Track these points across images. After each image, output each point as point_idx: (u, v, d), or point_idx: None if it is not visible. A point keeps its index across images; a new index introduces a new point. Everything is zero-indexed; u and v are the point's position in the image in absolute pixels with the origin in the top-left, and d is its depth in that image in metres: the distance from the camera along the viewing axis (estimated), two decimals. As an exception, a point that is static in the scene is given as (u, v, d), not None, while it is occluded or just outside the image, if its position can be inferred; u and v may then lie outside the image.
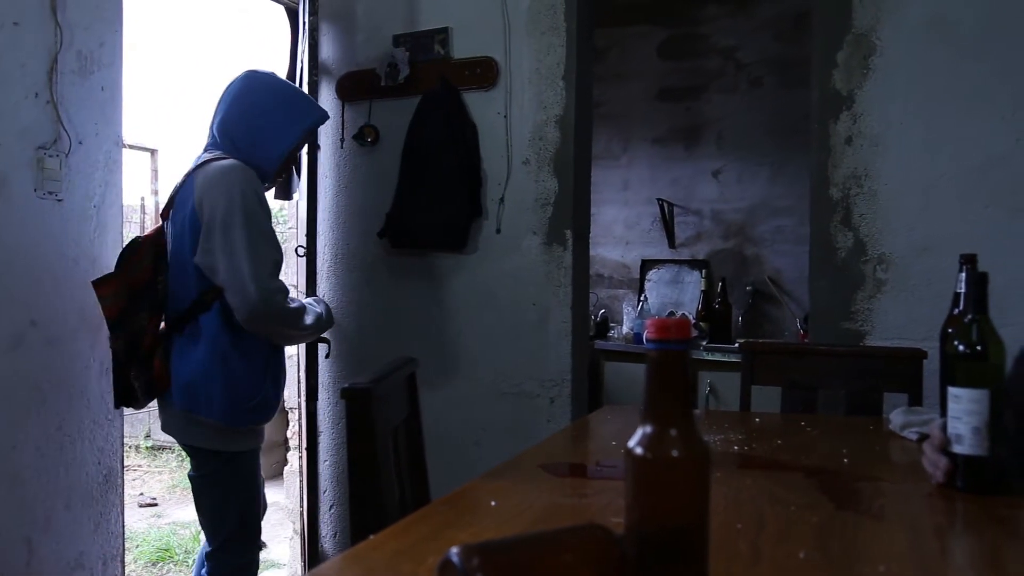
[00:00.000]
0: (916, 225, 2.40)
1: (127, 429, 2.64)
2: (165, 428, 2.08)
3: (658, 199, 4.47)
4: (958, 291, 1.28)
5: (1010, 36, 2.30)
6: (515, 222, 2.89)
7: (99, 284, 1.96)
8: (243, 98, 2.04)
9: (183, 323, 1.99)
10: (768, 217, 4.29)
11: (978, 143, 2.33)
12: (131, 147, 2.50)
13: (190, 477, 2.10)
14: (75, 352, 2.24)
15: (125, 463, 2.60)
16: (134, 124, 2.40)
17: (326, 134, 3.20)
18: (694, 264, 4.44)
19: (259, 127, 2.03)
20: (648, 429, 0.67)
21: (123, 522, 2.45)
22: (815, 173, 2.54)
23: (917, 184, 2.40)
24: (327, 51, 3.22)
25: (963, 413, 1.16)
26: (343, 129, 3.16)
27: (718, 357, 3.71)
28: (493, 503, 1.10)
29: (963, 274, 1.27)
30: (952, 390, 1.18)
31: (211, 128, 2.08)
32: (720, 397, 3.70)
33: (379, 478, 1.23)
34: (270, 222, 2.00)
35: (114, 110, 2.39)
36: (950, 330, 1.24)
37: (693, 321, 4.09)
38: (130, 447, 4.42)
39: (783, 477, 1.28)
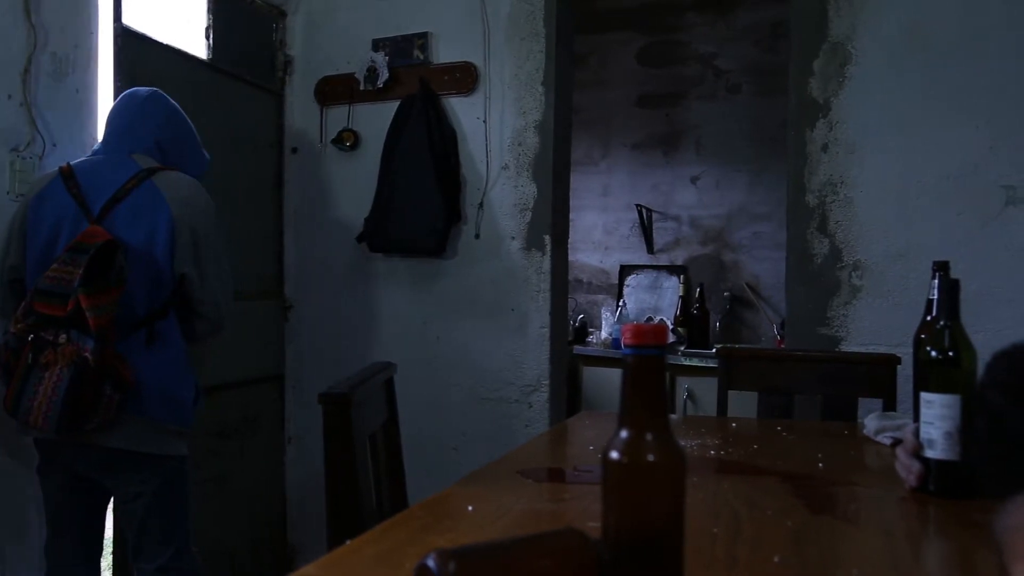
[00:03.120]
0: (891, 232, 2.42)
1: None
2: (120, 442, 1.86)
3: (637, 205, 4.49)
4: (931, 297, 1.30)
5: (983, 46, 2.34)
6: (494, 227, 2.89)
7: (95, 293, 1.75)
8: (177, 116, 2.09)
9: (138, 329, 1.88)
10: (746, 223, 4.32)
11: (952, 151, 2.37)
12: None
13: (133, 496, 1.93)
14: (48, 357, 2.21)
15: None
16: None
17: (305, 138, 3.19)
18: (672, 270, 4.47)
19: (190, 150, 2.11)
20: (624, 434, 0.67)
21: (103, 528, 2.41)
22: (792, 180, 2.57)
23: (892, 191, 2.43)
24: (306, 54, 3.21)
25: (935, 418, 1.17)
26: (322, 133, 3.15)
27: (696, 362, 3.73)
28: (470, 508, 1.09)
29: (936, 281, 1.29)
30: (925, 395, 1.19)
31: (132, 132, 1.98)
32: (698, 402, 3.72)
33: (357, 483, 1.22)
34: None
35: (89, 113, 2.36)
36: (923, 336, 1.26)
37: (671, 326, 4.10)
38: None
39: (759, 482, 1.29)
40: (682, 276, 4.38)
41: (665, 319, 4.23)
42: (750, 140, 4.28)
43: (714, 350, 3.71)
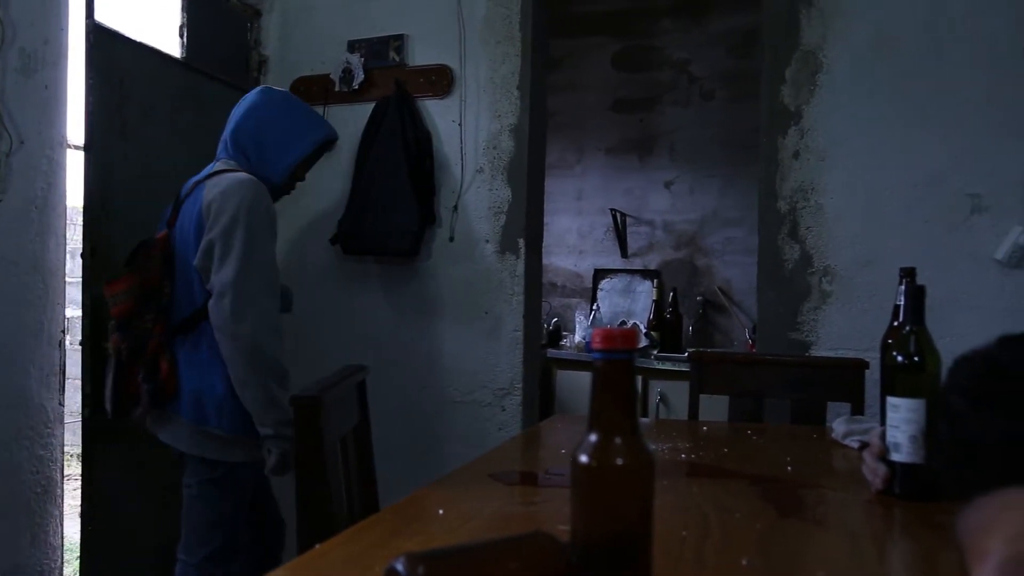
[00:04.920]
0: (859, 238, 2.46)
1: (68, 437, 2.57)
2: (166, 438, 2.00)
3: (611, 209, 4.51)
4: (898, 303, 1.32)
5: (949, 57, 2.38)
6: (468, 230, 2.89)
7: (110, 281, 1.93)
8: (255, 111, 2.08)
9: (186, 330, 1.96)
10: (719, 228, 4.35)
11: (919, 160, 2.41)
12: (77, 148, 2.44)
13: (184, 486, 2.03)
14: (12, 357, 2.18)
15: (66, 472, 2.53)
16: (81, 124, 2.35)
17: (278, 138, 3.17)
18: (646, 274, 4.49)
19: (269, 140, 2.06)
20: (593, 438, 0.67)
21: (62, 534, 2.39)
22: (763, 186, 2.59)
23: (861, 198, 2.46)
24: (281, 54, 3.19)
25: (901, 422, 1.19)
26: (296, 134, 3.13)
27: (669, 366, 3.75)
28: (441, 511, 1.09)
29: (902, 287, 1.31)
30: (891, 399, 1.21)
31: (223, 139, 2.10)
32: (670, 406, 3.74)
33: (327, 486, 1.22)
34: (272, 241, 1.99)
35: (58, 110, 2.33)
36: (890, 341, 1.28)
37: (644, 330, 4.13)
38: (72, 455, 4.31)
39: (729, 485, 1.30)
40: (655, 280, 4.41)
41: (638, 323, 4.25)
42: (723, 146, 4.31)
43: (686, 354, 3.74)
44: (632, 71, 4.56)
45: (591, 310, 4.40)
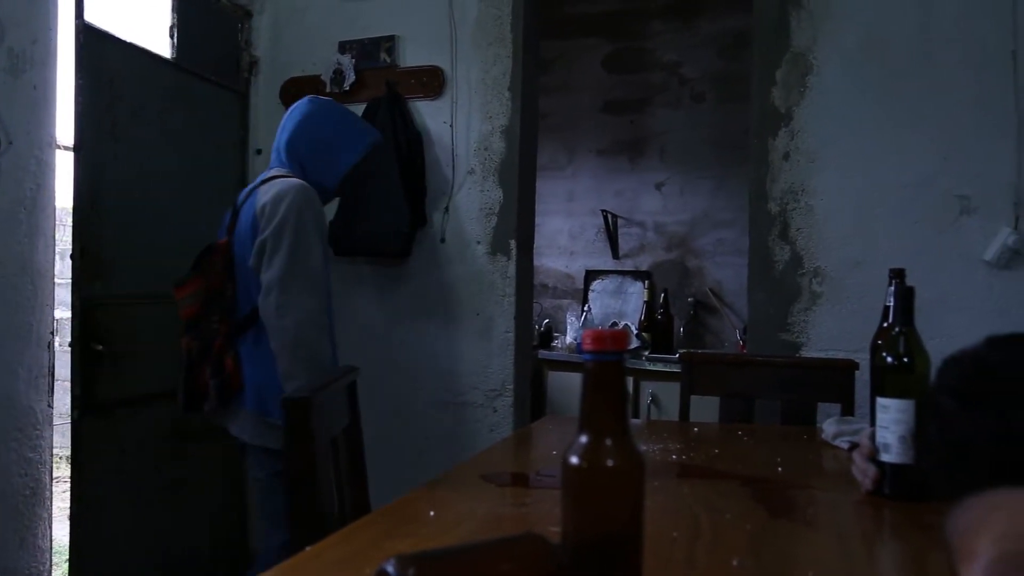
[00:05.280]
0: (850, 240, 2.47)
1: (57, 439, 2.56)
2: (233, 429, 2.11)
3: (602, 210, 4.51)
4: (887, 304, 1.33)
5: (938, 60, 2.40)
6: (459, 231, 2.89)
7: (179, 285, 2.08)
8: (307, 122, 2.17)
9: (247, 327, 2.07)
10: (710, 229, 4.36)
11: (908, 162, 2.42)
12: (67, 148, 2.44)
13: (254, 479, 2.13)
14: (1, 359, 2.17)
15: (55, 475, 2.52)
16: (70, 124, 2.35)
17: (269, 139, 3.15)
18: (637, 275, 4.50)
19: (324, 148, 2.17)
20: (583, 439, 0.67)
21: (51, 537, 2.37)
22: (754, 187, 2.60)
23: (851, 200, 2.47)
24: (272, 55, 3.18)
25: (890, 423, 1.20)
26: (287, 135, 3.12)
27: (660, 367, 3.76)
28: (432, 513, 1.09)
29: (892, 288, 1.32)
30: (880, 400, 1.22)
31: (276, 148, 2.20)
32: (662, 406, 3.75)
33: (318, 488, 1.22)
34: (319, 242, 2.06)
35: (47, 110, 2.32)
36: (879, 342, 1.28)
37: (636, 332, 4.13)
38: (61, 458, 4.29)
39: (719, 486, 1.30)
40: (647, 281, 4.42)
41: (630, 324, 4.26)
42: (714, 147, 4.32)
43: (677, 355, 3.75)
44: (623, 73, 4.56)
45: (582, 311, 4.40)
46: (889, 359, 1.22)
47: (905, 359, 1.21)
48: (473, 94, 2.89)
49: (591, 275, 4.62)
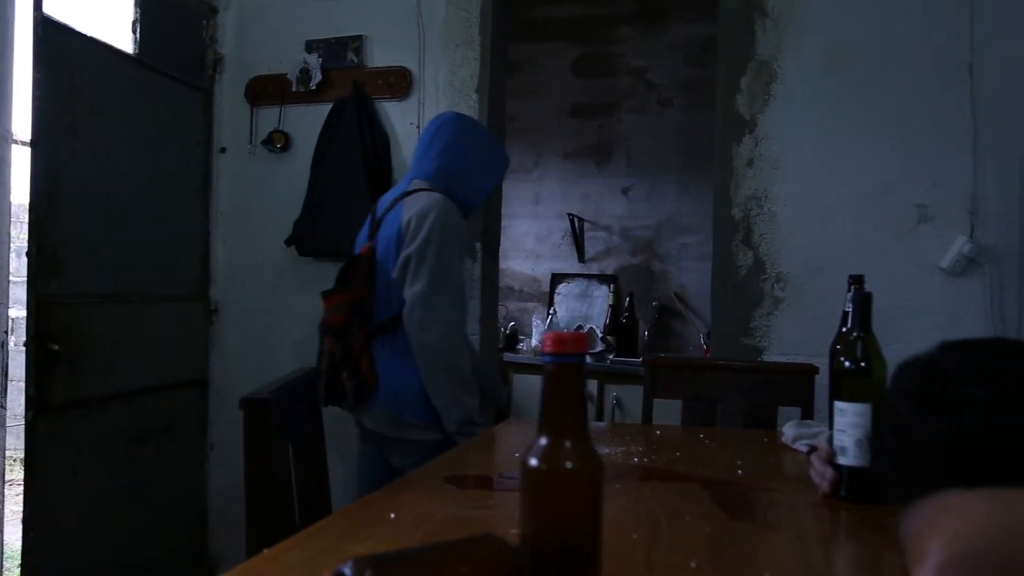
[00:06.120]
0: (811, 246, 2.50)
1: (10, 441, 2.50)
2: (370, 424, 2.20)
3: (569, 214, 4.53)
4: (846, 310, 1.35)
5: (897, 72, 2.44)
6: (426, 233, 2.87)
7: (328, 295, 2.21)
8: (461, 138, 2.24)
9: (385, 332, 2.15)
10: (675, 234, 4.40)
11: (868, 170, 2.46)
12: (24, 144, 2.39)
13: (400, 468, 2.12)
14: (-46, 358, 2.12)
15: (8, 477, 2.46)
16: (28, 119, 2.30)
17: (234, 138, 3.13)
18: (603, 279, 4.51)
19: (476, 167, 2.24)
20: (543, 441, 0.67)
21: (3, 540, 2.32)
22: (718, 193, 2.63)
23: (813, 207, 2.51)
24: (237, 53, 3.15)
25: (848, 426, 1.21)
26: (252, 133, 3.09)
27: (625, 370, 3.78)
28: (392, 515, 1.09)
29: (851, 294, 1.34)
30: (838, 404, 1.23)
31: (419, 159, 2.25)
32: (626, 410, 3.76)
33: (277, 490, 1.20)
34: (461, 257, 2.14)
35: (3, 104, 2.27)
36: (838, 347, 1.30)
37: (601, 335, 4.15)
38: (14, 460, 4.19)
39: (680, 488, 1.31)
40: (612, 285, 4.44)
41: (595, 328, 4.27)
42: (680, 153, 4.36)
43: (641, 359, 3.77)
44: (591, 77, 4.58)
45: (548, 314, 4.41)
46: (847, 364, 1.24)
47: (862, 364, 1.23)
48: (440, 96, 2.88)
49: (557, 278, 4.63)
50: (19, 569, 2.32)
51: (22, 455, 2.37)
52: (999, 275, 2.35)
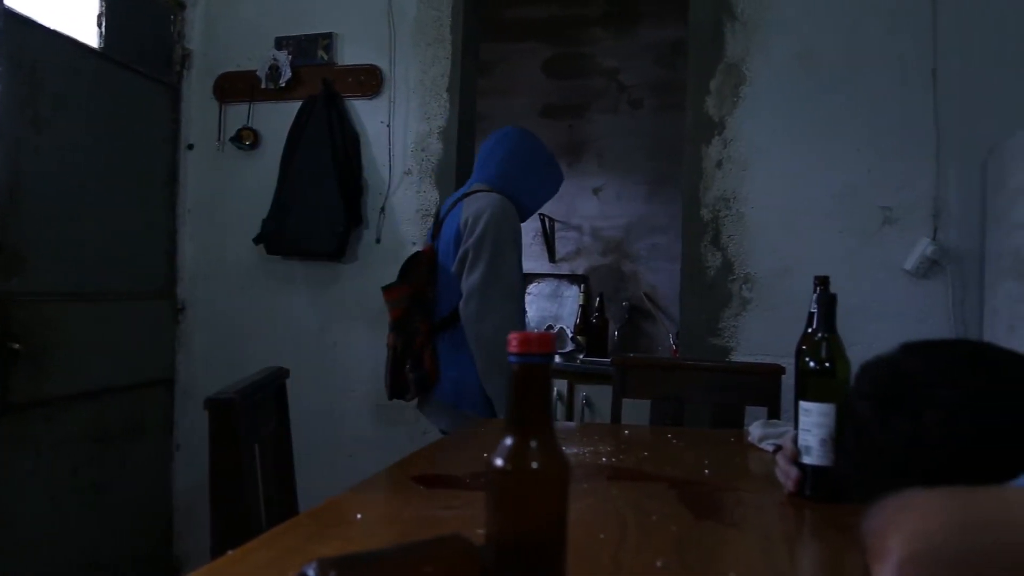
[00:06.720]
0: (778, 247, 2.53)
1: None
2: (431, 417, 2.33)
3: (540, 214, 4.53)
4: (812, 311, 1.36)
5: (865, 73, 2.48)
6: (396, 232, 2.87)
7: (388, 289, 2.29)
8: (524, 150, 2.37)
9: (447, 327, 2.25)
10: (645, 235, 4.42)
11: (835, 172, 2.49)
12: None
13: None
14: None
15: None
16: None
17: (202, 135, 3.09)
18: (573, 279, 4.52)
19: (536, 178, 2.38)
20: (508, 441, 0.67)
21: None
22: (687, 194, 2.65)
23: (780, 208, 2.53)
24: (205, 49, 3.11)
25: (812, 426, 1.23)
26: (221, 130, 3.06)
27: (595, 370, 3.78)
28: (359, 516, 1.08)
29: (815, 295, 1.35)
30: (803, 404, 1.25)
31: (481, 164, 2.37)
32: (596, 409, 3.77)
33: (242, 491, 1.19)
34: (516, 253, 2.23)
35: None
36: (803, 347, 1.31)
37: (571, 335, 4.15)
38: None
39: (647, 488, 1.32)
40: (583, 285, 4.44)
41: (565, 328, 4.28)
42: (650, 154, 4.38)
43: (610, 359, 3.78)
44: (562, 78, 4.59)
45: (519, 314, 4.40)
46: (812, 364, 1.25)
47: (827, 364, 1.24)
48: (411, 94, 2.87)
49: (527, 278, 4.63)
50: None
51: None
52: (961, 277, 2.40)
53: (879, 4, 2.48)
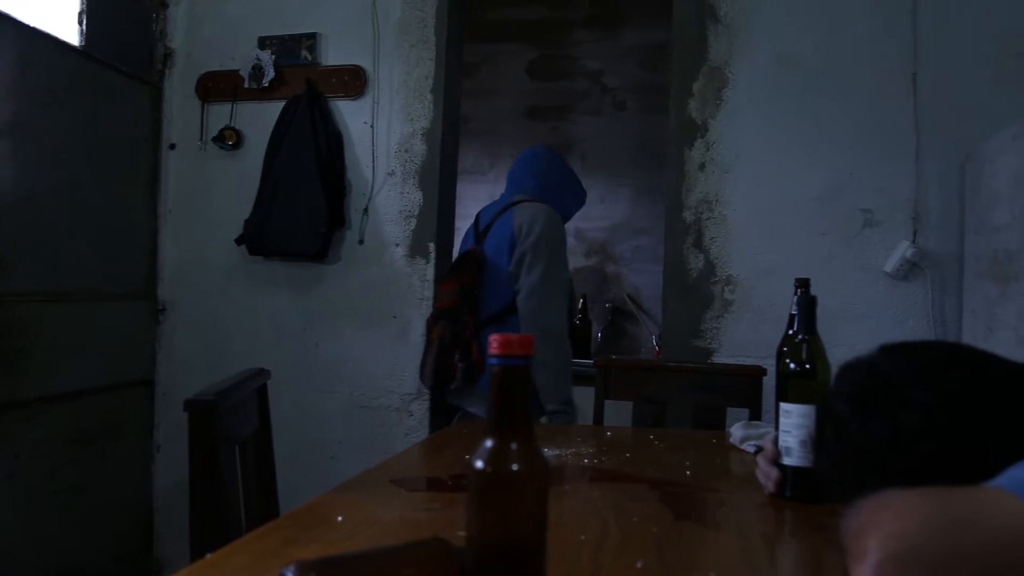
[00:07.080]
0: (760, 249, 2.54)
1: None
2: (472, 408, 2.39)
3: (524, 215, 4.52)
4: (792, 313, 1.37)
5: (847, 76, 2.50)
6: (378, 233, 2.86)
7: (440, 282, 2.50)
8: (556, 166, 2.63)
9: (496, 321, 2.38)
10: (628, 236, 4.43)
11: (816, 175, 2.51)
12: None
13: None
14: None
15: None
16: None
17: (184, 134, 3.07)
18: (557, 280, 4.52)
19: (568, 190, 2.62)
20: (489, 443, 0.67)
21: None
22: (670, 196, 2.66)
23: (762, 210, 2.55)
24: (188, 48, 3.09)
25: (792, 427, 1.23)
26: (203, 130, 3.04)
27: (577, 371, 3.78)
28: (340, 518, 1.07)
29: (796, 297, 1.36)
30: (783, 405, 1.25)
31: (518, 178, 2.58)
32: (580, 411, 3.77)
33: (222, 493, 1.18)
34: (565, 259, 2.47)
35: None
36: (784, 349, 1.32)
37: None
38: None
39: (629, 489, 1.32)
40: (566, 287, 4.44)
41: (549, 329, 4.28)
42: (634, 156, 4.39)
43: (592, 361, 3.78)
44: (546, 79, 4.60)
45: (502, 315, 4.41)
46: (792, 365, 1.26)
47: (807, 366, 1.25)
48: (395, 95, 2.86)
49: (512, 279, 4.62)
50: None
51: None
52: (940, 279, 2.42)
53: (861, 9, 2.50)
